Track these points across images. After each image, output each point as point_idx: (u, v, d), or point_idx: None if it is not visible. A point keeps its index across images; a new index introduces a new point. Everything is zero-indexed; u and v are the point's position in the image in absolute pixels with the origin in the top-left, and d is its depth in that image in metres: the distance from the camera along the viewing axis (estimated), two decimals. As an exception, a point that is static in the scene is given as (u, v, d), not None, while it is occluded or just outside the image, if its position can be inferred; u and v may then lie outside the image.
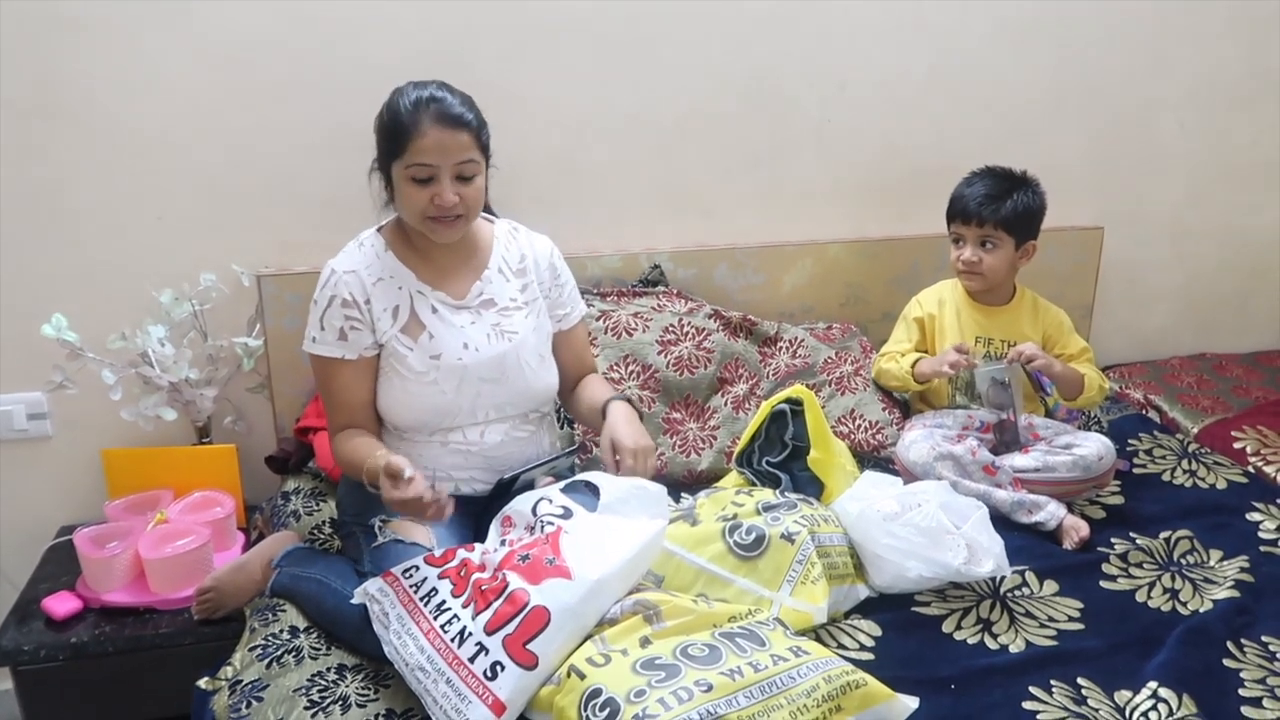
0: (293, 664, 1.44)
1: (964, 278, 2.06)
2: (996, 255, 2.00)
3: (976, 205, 1.98)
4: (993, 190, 1.99)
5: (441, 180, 1.50)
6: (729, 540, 1.52)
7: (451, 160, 1.50)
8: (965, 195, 2.01)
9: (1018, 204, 1.97)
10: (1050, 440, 1.93)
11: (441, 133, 1.48)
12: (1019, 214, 1.97)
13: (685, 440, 1.99)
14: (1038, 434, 1.96)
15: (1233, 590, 1.60)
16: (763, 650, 1.23)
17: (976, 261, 2.00)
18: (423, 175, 1.50)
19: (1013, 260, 2.02)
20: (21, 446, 2.01)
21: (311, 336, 1.59)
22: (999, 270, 2.01)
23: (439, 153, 1.49)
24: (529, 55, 2.07)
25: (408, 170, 1.50)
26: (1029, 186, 2.01)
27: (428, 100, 1.50)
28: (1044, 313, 2.11)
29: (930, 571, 1.51)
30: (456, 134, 1.50)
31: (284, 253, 2.01)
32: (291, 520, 1.81)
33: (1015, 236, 1.99)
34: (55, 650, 1.68)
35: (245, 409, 2.09)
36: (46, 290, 1.92)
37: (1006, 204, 1.97)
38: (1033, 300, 2.12)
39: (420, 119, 1.49)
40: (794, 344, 2.19)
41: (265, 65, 1.93)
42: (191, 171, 1.96)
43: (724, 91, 2.23)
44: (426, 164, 1.49)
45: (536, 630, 1.23)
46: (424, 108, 1.49)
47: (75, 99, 1.87)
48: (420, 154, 1.49)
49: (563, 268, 1.76)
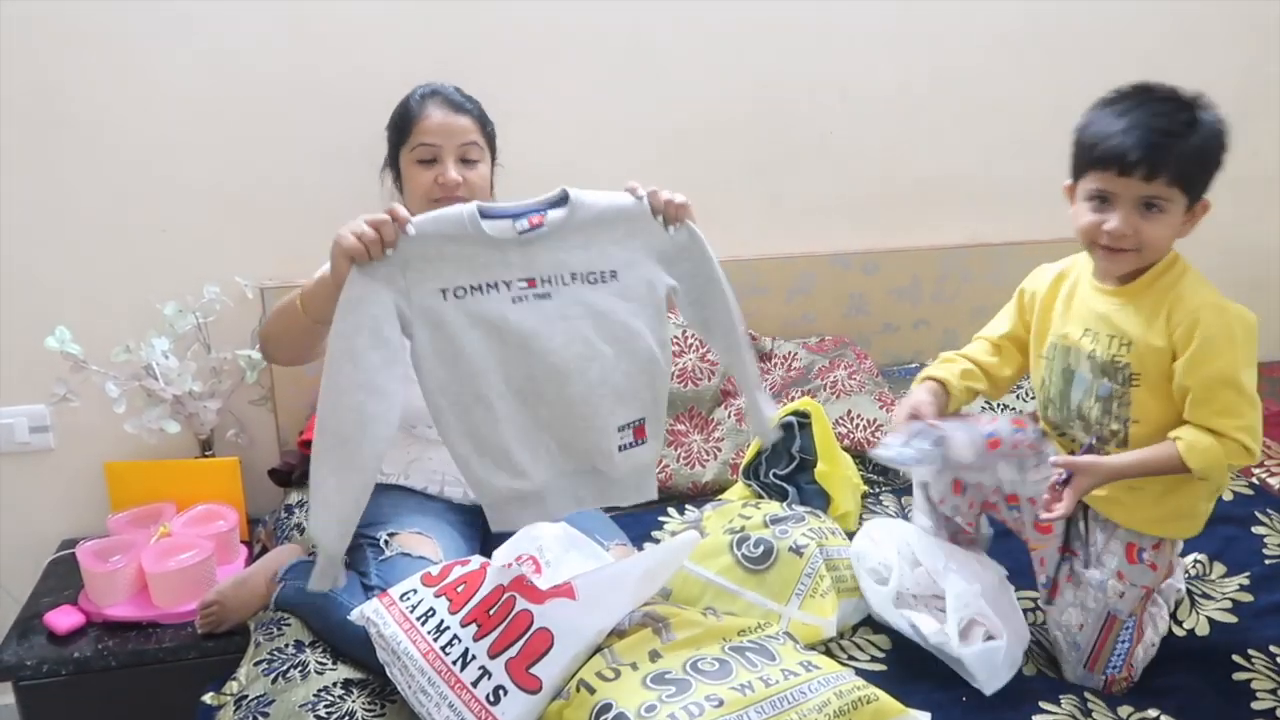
0: (298, 679, 1.43)
1: (1105, 256, 1.35)
2: (1162, 223, 1.31)
3: (1141, 147, 1.26)
4: (1164, 123, 1.27)
5: (445, 160, 1.59)
6: (737, 553, 1.51)
7: (455, 141, 1.59)
8: (1116, 131, 1.28)
9: (1201, 142, 1.29)
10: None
11: (445, 115, 1.60)
12: (1199, 158, 1.30)
13: (690, 452, 1.99)
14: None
15: (1230, 614, 1.59)
16: (773, 665, 1.22)
17: (1130, 234, 1.31)
18: (427, 156, 1.59)
19: (1178, 229, 1.34)
20: (24, 459, 2.00)
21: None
22: (1162, 244, 1.33)
23: (442, 133, 1.59)
24: (531, 67, 2.08)
25: (412, 153, 1.60)
26: (1206, 111, 1.31)
27: (433, 91, 1.64)
28: (1183, 311, 1.33)
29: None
30: (459, 117, 1.61)
31: (287, 265, 2.01)
32: (295, 533, 1.81)
33: (1190, 193, 1.31)
34: (57, 665, 1.67)
35: (248, 422, 2.08)
36: (50, 302, 1.92)
37: (1188, 143, 1.27)
38: (1179, 278, 1.35)
39: (425, 104, 1.62)
40: (788, 358, 2.20)
41: (269, 77, 1.94)
42: (195, 184, 1.96)
43: (726, 103, 2.24)
44: (430, 144, 1.59)
45: (540, 654, 1.21)
46: (429, 96, 1.63)
47: (79, 110, 1.87)
48: (423, 134, 1.59)
49: None
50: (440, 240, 1.20)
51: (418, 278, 1.20)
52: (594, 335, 1.26)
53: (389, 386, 1.18)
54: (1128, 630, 1.44)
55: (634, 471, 1.34)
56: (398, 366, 1.19)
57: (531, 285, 1.24)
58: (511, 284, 1.23)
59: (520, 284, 1.23)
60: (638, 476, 1.35)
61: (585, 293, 1.26)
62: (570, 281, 1.25)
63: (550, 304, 1.24)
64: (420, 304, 1.20)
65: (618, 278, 1.28)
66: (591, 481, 1.34)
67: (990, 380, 1.56)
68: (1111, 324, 1.38)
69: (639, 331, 1.29)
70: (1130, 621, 1.44)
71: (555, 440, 1.29)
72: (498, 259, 1.22)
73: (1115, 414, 1.39)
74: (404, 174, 1.63)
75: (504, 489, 1.27)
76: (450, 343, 1.21)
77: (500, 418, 1.24)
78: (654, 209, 1.30)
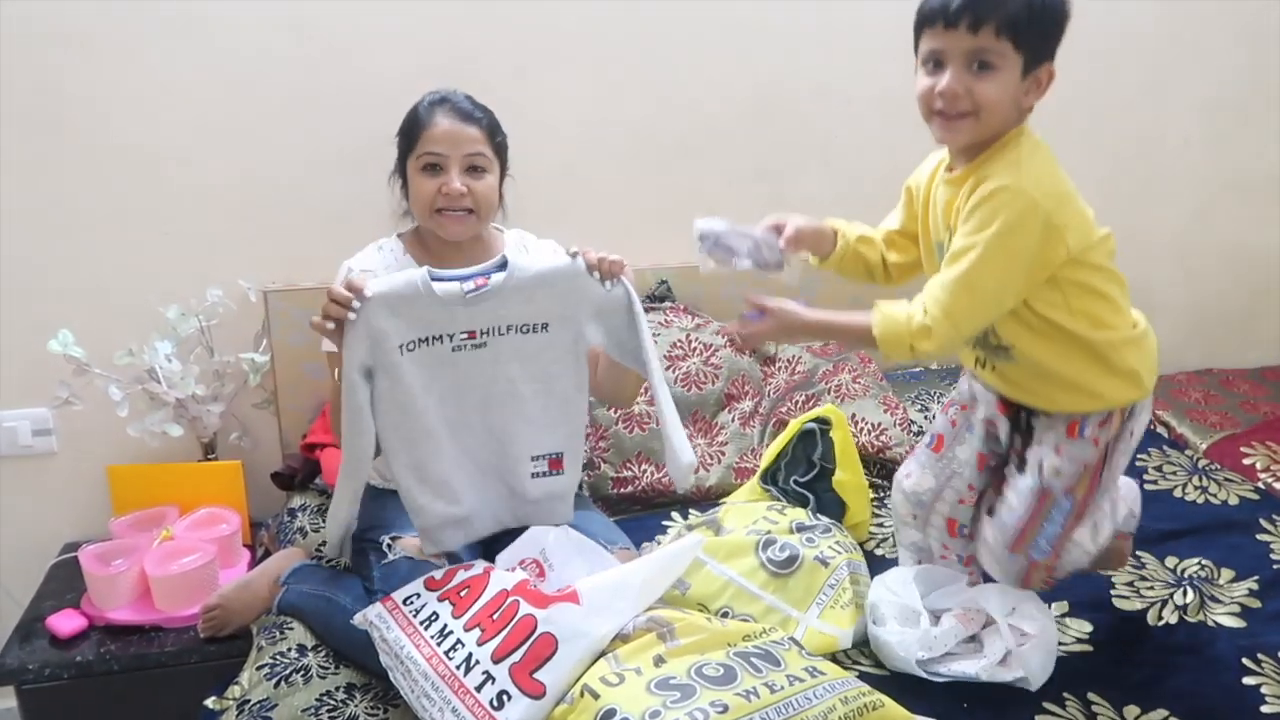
0: (301, 683, 1.42)
1: (942, 125, 1.28)
2: (996, 81, 1.23)
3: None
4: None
5: (450, 170, 1.57)
6: (762, 555, 1.52)
7: (461, 151, 1.57)
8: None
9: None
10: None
11: (452, 124, 1.57)
12: (1035, 12, 1.22)
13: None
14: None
15: (1239, 619, 1.58)
16: (778, 670, 1.21)
17: (961, 94, 1.24)
18: (432, 163, 1.57)
19: (1017, 94, 1.26)
20: (27, 462, 2.00)
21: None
22: (998, 107, 1.25)
23: (448, 142, 1.56)
24: (535, 71, 2.07)
25: (418, 161, 1.58)
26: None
27: (442, 99, 1.61)
28: (980, 187, 1.25)
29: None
30: (467, 127, 1.58)
31: (291, 268, 2.01)
32: (298, 537, 1.80)
33: (1025, 51, 1.23)
34: (60, 669, 1.67)
35: (251, 425, 2.08)
36: (53, 305, 1.92)
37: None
38: (1013, 154, 1.27)
39: (434, 112, 1.59)
40: (792, 362, 2.19)
41: (273, 80, 1.94)
42: (198, 186, 1.96)
43: (729, 106, 2.23)
44: (435, 153, 1.56)
45: (544, 659, 1.21)
46: (439, 104, 1.60)
47: (82, 113, 1.87)
48: (430, 143, 1.57)
49: None
50: (396, 300, 1.37)
51: (379, 339, 1.37)
52: (518, 376, 1.45)
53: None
54: (1061, 511, 1.37)
55: (548, 497, 1.51)
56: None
57: (471, 337, 1.42)
58: (454, 335, 1.41)
59: (461, 335, 1.41)
60: (551, 501, 1.51)
61: (518, 341, 1.43)
62: (505, 332, 1.43)
63: (485, 351, 1.43)
64: (382, 360, 1.38)
65: (548, 330, 1.44)
66: (509, 503, 1.50)
67: (883, 257, 1.52)
68: (951, 215, 1.30)
69: (558, 375, 1.46)
70: (1066, 502, 1.37)
71: (476, 465, 1.47)
72: (445, 316, 1.40)
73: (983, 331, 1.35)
74: (410, 182, 1.61)
75: (441, 514, 1.44)
76: (404, 389, 1.39)
77: (441, 450, 1.43)
78: (589, 266, 1.43)
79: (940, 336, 1.26)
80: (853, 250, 1.52)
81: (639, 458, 1.94)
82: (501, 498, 1.49)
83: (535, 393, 1.46)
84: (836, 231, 1.53)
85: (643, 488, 1.91)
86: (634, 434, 1.95)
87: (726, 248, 1.44)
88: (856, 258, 1.52)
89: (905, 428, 2.05)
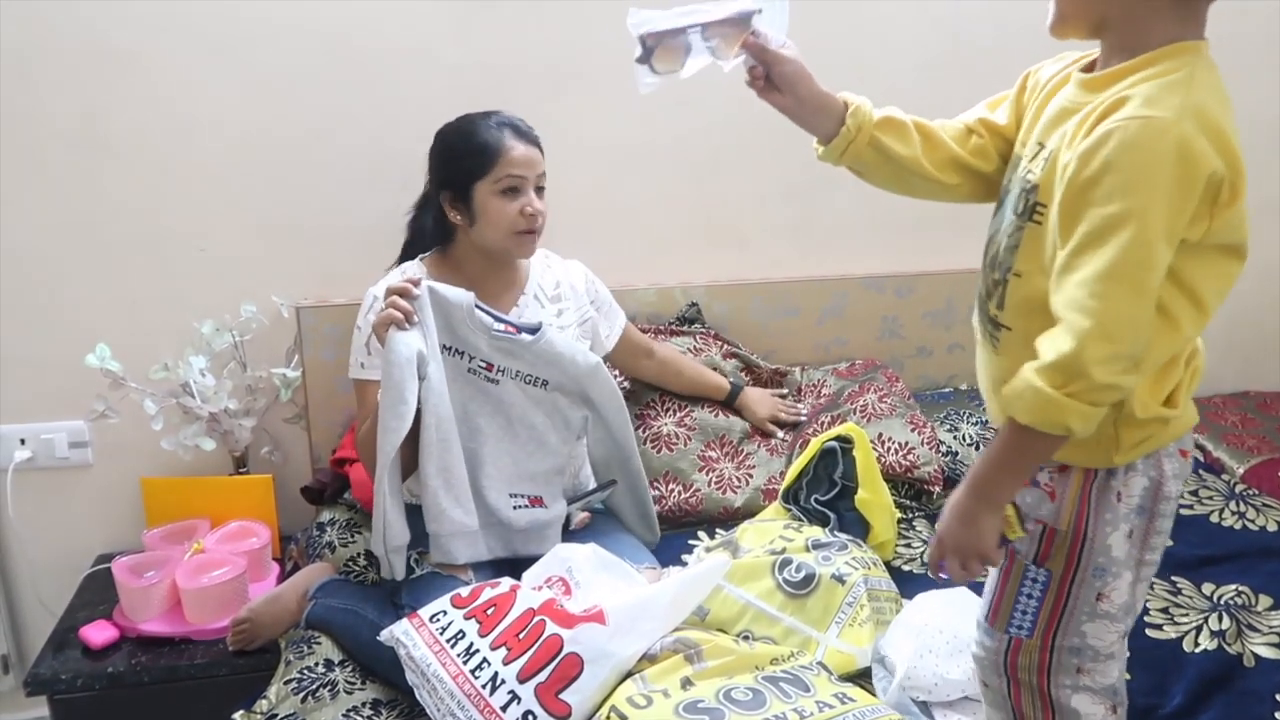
0: (328, 698, 1.43)
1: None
2: None
3: None
4: None
5: (528, 192, 1.63)
6: (778, 577, 1.51)
7: (535, 172, 1.64)
8: None
9: None
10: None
11: (526, 147, 1.63)
12: None
13: (721, 478, 1.97)
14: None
15: (1277, 650, 1.55)
16: (808, 696, 1.20)
17: None
18: (514, 185, 1.61)
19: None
20: (63, 474, 2.03)
21: (359, 363, 1.62)
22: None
23: (526, 165, 1.62)
24: (564, 88, 2.08)
25: (498, 184, 1.61)
26: None
27: (504, 121, 1.65)
28: (1107, 118, 0.95)
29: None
30: (533, 149, 1.65)
31: (323, 285, 2.03)
32: (327, 551, 1.81)
33: None
34: (92, 680, 1.68)
35: (282, 439, 2.10)
36: (90, 320, 1.95)
37: None
38: (1162, 74, 0.97)
39: (504, 135, 1.62)
40: (817, 385, 2.18)
41: (309, 100, 1.96)
42: (233, 204, 1.99)
43: (758, 124, 2.22)
44: (518, 174, 1.61)
45: (570, 679, 1.21)
46: (504, 126, 1.64)
47: (121, 131, 1.90)
48: (512, 165, 1.61)
49: (599, 287, 1.86)
50: (444, 300, 1.52)
51: (430, 328, 1.50)
52: (517, 419, 1.60)
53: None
54: (1034, 582, 1.11)
55: (534, 525, 1.60)
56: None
57: (489, 369, 1.57)
58: (475, 359, 1.56)
59: (481, 363, 1.57)
60: (540, 529, 1.61)
61: (523, 387, 1.60)
62: (514, 378, 1.59)
63: (495, 388, 1.58)
64: (432, 349, 1.50)
65: (548, 388, 1.61)
66: (498, 530, 1.58)
67: (922, 145, 1.19)
68: (1052, 125, 1.02)
69: (548, 430, 1.62)
70: (1039, 574, 1.11)
71: (474, 484, 1.56)
72: (474, 339, 1.55)
73: (1000, 260, 1.05)
74: (481, 204, 1.62)
75: (458, 523, 1.51)
76: (444, 385, 1.51)
77: (461, 459, 1.53)
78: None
79: (1112, 373, 0.90)
80: (868, 137, 1.17)
81: (666, 477, 1.93)
82: (491, 526, 1.57)
83: (529, 438, 1.61)
84: (846, 105, 1.17)
85: (669, 507, 1.90)
86: (661, 454, 1.95)
87: (676, 45, 1.15)
88: (875, 149, 1.17)
89: (933, 447, 2.02)
